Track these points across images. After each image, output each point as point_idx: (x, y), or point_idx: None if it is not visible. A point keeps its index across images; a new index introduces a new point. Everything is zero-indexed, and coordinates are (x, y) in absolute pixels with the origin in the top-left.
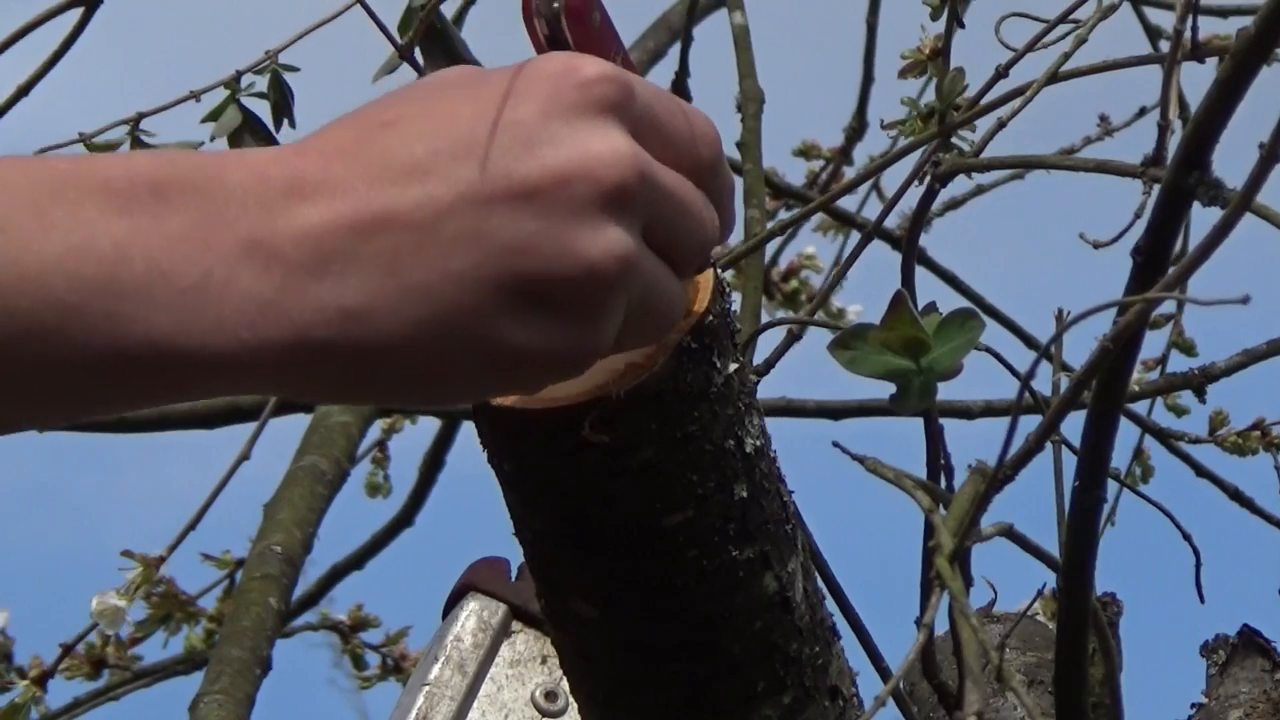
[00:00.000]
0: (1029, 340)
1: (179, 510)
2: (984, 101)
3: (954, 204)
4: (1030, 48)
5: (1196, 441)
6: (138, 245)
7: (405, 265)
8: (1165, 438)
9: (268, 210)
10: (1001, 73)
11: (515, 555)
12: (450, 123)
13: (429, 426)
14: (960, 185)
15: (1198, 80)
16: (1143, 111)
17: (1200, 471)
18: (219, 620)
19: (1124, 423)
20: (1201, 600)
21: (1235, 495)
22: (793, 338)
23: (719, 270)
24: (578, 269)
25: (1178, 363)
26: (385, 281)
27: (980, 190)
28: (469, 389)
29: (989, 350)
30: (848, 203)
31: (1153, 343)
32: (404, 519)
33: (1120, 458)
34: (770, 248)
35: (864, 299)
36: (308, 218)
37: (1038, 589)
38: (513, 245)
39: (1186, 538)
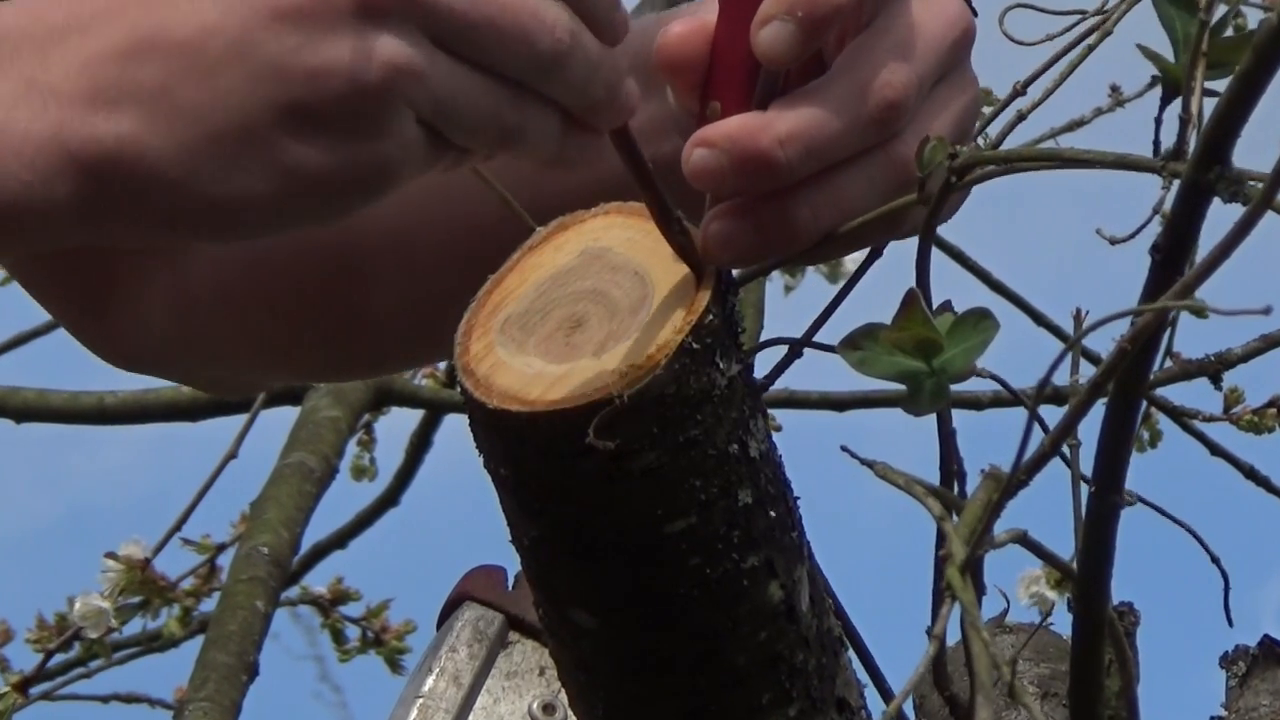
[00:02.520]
0: (1038, 318)
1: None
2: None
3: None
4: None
5: (1211, 420)
6: None
7: (175, 87)
8: (1179, 416)
9: (42, 49)
10: (1020, 90)
11: (512, 563)
12: None
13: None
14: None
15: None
16: (1155, 81)
17: (1215, 450)
18: (198, 597)
19: None
20: (1230, 623)
21: (1250, 474)
22: (793, 355)
23: (721, 270)
24: (339, 80)
25: (1192, 348)
26: (157, 105)
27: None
28: (271, 216)
29: (991, 376)
30: None
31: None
32: (389, 498)
33: None
34: None
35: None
36: (80, 48)
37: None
38: (277, 61)
39: (1215, 560)
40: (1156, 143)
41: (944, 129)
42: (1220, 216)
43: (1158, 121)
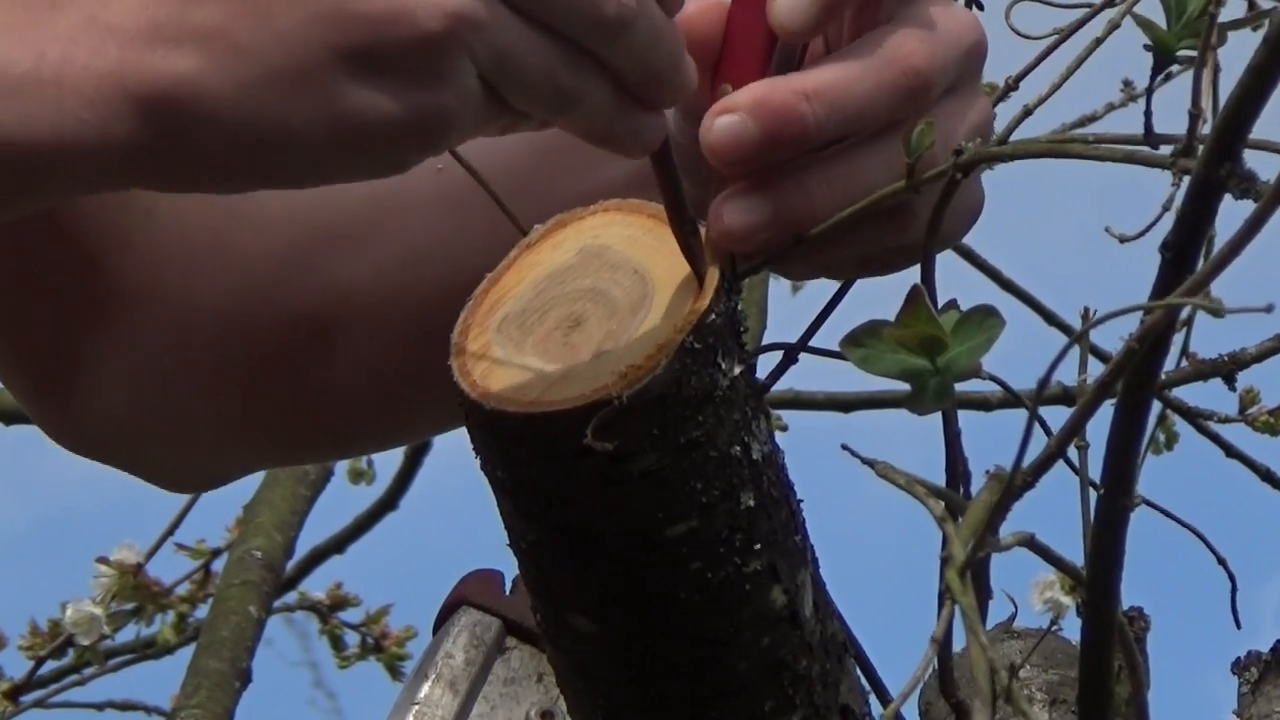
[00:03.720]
0: (1049, 316)
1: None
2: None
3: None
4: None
5: (1226, 421)
6: None
7: (234, 28)
8: (1194, 417)
9: None
10: (1011, 85)
11: (509, 567)
12: None
13: None
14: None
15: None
16: (1169, 76)
17: (1230, 452)
18: (192, 602)
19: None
20: (1238, 625)
21: (1267, 476)
22: (789, 359)
23: (724, 268)
24: (401, 26)
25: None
26: (216, 44)
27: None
28: (323, 160)
29: (990, 376)
30: None
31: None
32: (388, 502)
33: None
34: None
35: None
36: None
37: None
38: (337, 4)
39: (1221, 562)
40: (1148, 115)
41: (961, 135)
42: (1232, 213)
43: (1149, 93)
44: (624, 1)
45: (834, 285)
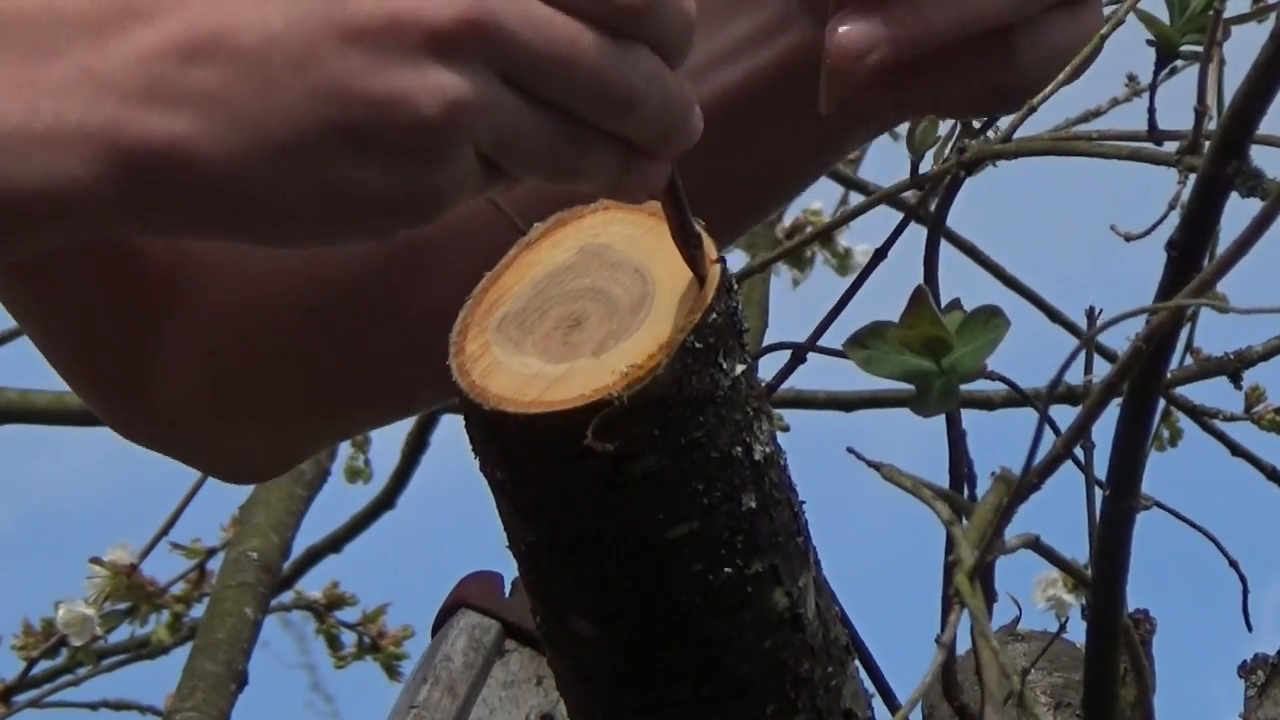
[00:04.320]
0: (1054, 315)
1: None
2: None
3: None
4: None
5: (1232, 419)
6: None
7: (233, 93)
8: (1199, 415)
9: (100, 35)
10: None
11: (509, 569)
12: None
13: None
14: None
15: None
16: (1174, 71)
17: (1236, 450)
18: (187, 602)
19: None
20: (1249, 628)
21: (1273, 475)
22: (796, 361)
23: (726, 267)
24: (401, 110)
25: (1212, 344)
26: (213, 109)
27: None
28: (313, 229)
29: (999, 377)
30: (868, 172)
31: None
32: (385, 501)
33: None
34: None
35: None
36: (139, 39)
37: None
38: (339, 81)
39: (1233, 564)
40: (1152, 110)
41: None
42: (1239, 211)
43: (1152, 88)
44: (633, 83)
45: (835, 285)
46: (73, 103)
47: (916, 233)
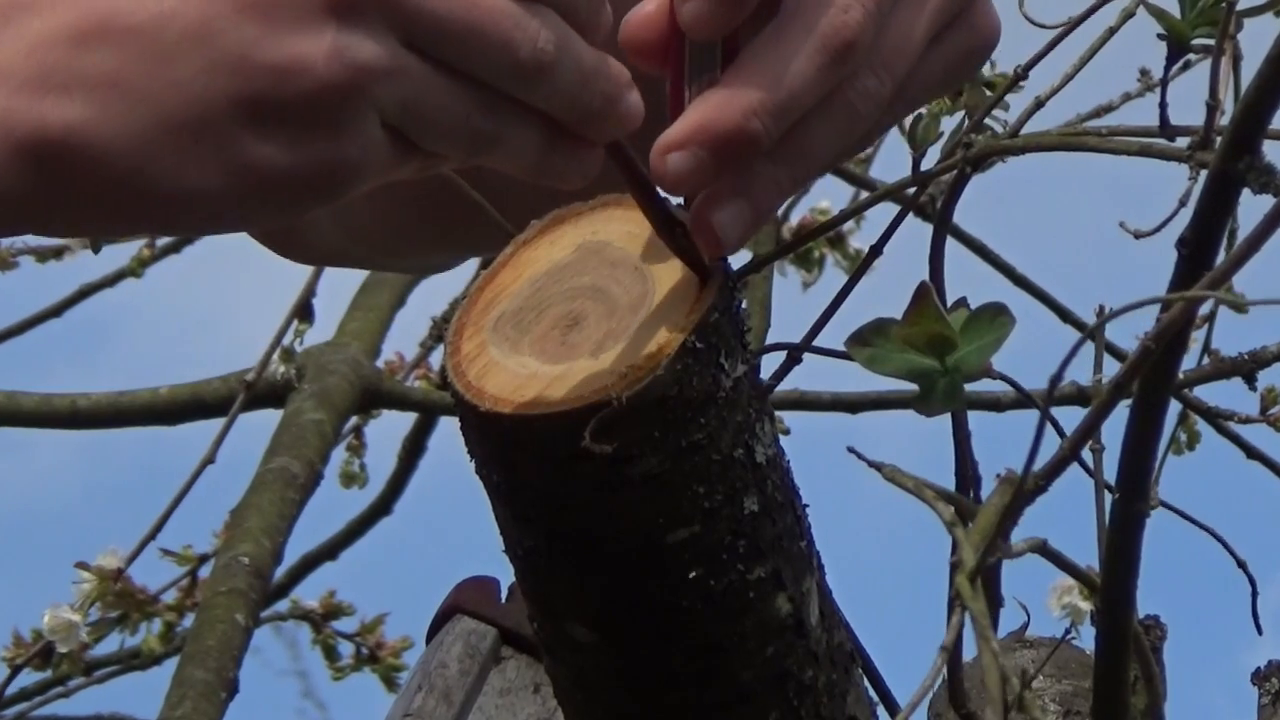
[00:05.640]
0: (1064, 314)
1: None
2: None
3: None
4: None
5: (1247, 421)
6: None
7: (128, 74)
8: (1214, 417)
9: None
10: (1020, 75)
11: (505, 574)
12: None
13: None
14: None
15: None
16: (1187, 64)
17: (1251, 453)
18: (179, 611)
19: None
20: (1259, 631)
21: None
22: (792, 362)
23: (728, 266)
24: (303, 77)
25: (1227, 345)
26: (109, 91)
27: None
28: (222, 212)
29: (1001, 376)
30: (879, 170)
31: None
32: (381, 507)
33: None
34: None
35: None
36: (29, 29)
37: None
38: (237, 52)
39: (1241, 565)
40: (1163, 106)
41: (916, 32)
42: (1252, 207)
43: (1164, 83)
44: (540, 46)
45: (838, 284)
46: None
47: (923, 231)
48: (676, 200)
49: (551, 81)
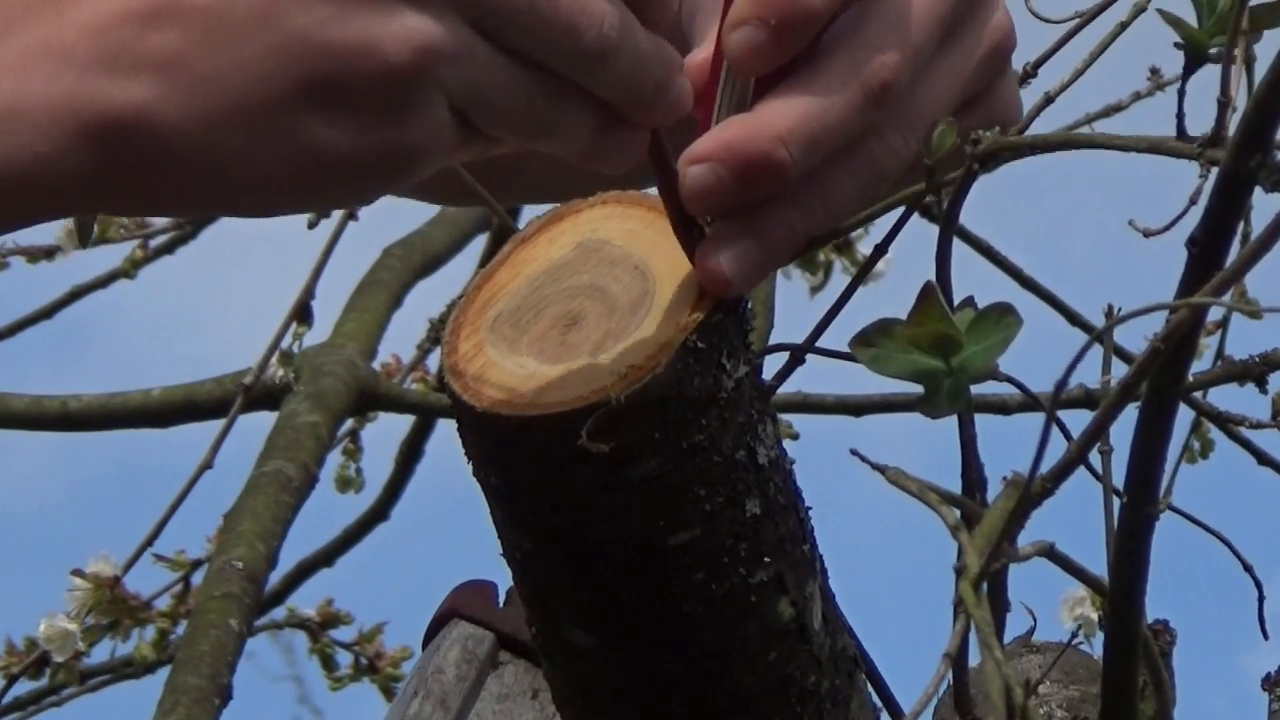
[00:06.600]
0: (1072, 316)
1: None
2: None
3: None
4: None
5: (1258, 426)
6: None
7: (194, 55)
8: (1224, 423)
9: (57, 7)
10: (1030, 71)
11: (503, 578)
12: None
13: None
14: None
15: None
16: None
17: (1262, 459)
18: (173, 618)
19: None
20: (1265, 636)
21: None
22: (794, 363)
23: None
24: (370, 59)
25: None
26: (174, 73)
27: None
28: (285, 195)
29: (1006, 377)
30: None
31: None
32: (378, 513)
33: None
34: None
35: (890, 286)
36: (97, 7)
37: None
38: (303, 33)
39: (1248, 569)
40: (1180, 115)
41: (943, 100)
42: (1264, 206)
43: (1181, 93)
44: (604, 31)
45: (841, 284)
46: (33, 77)
47: (929, 232)
48: None
49: (613, 67)
